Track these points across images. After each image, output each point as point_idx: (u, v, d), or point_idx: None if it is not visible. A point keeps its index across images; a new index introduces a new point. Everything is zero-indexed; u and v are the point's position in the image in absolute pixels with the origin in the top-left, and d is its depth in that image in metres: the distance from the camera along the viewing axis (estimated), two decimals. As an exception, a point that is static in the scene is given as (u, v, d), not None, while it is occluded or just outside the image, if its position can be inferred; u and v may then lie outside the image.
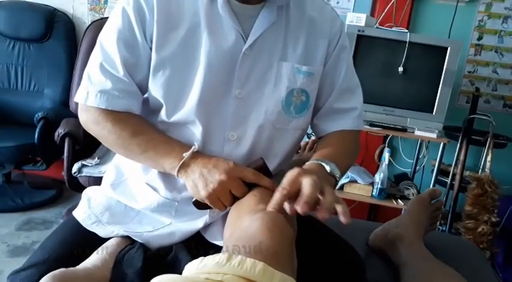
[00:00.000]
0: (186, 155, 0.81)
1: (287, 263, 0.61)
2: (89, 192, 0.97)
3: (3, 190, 2.55)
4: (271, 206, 0.70)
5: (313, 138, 1.13)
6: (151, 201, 0.90)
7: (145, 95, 0.89)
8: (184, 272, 0.56)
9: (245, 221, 0.69)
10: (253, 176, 0.80)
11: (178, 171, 0.81)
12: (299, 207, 0.66)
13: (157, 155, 0.84)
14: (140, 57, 0.85)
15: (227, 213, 0.81)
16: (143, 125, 0.87)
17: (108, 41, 0.85)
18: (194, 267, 0.55)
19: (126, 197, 0.93)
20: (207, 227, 0.89)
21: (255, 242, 0.59)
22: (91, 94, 0.84)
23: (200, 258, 0.55)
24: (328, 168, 0.81)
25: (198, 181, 0.80)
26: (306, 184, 0.69)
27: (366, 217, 2.57)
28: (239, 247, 0.60)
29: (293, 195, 0.70)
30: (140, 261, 0.83)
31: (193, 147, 0.83)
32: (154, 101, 0.88)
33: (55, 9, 2.64)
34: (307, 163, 0.82)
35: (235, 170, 0.80)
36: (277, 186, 0.73)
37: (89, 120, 0.87)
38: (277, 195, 0.70)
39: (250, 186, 0.81)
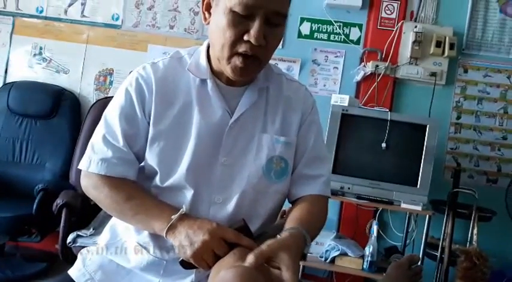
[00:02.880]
0: (174, 217, 0.89)
1: None
2: (84, 252, 1.03)
3: (-5, 263, 2.54)
4: (247, 262, 0.76)
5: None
6: (141, 260, 0.96)
7: (142, 164, 0.99)
8: None
9: (221, 274, 0.76)
10: (234, 237, 0.87)
11: (167, 232, 0.89)
12: None
13: (148, 217, 0.92)
14: (139, 130, 0.97)
15: (213, 272, 0.87)
16: (136, 190, 0.97)
17: (111, 116, 0.98)
18: None
19: (118, 256, 0.99)
20: (193, 286, 0.94)
21: None
22: (93, 162, 0.95)
23: None
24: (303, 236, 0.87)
25: (184, 241, 0.87)
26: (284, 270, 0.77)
27: (360, 292, 2.54)
28: None
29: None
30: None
31: (181, 210, 0.91)
32: (149, 168, 0.98)
33: (63, 88, 2.83)
34: (284, 233, 0.87)
35: (218, 230, 0.87)
36: (258, 247, 0.79)
37: (89, 185, 0.97)
38: (251, 257, 0.77)
39: (232, 246, 0.87)
